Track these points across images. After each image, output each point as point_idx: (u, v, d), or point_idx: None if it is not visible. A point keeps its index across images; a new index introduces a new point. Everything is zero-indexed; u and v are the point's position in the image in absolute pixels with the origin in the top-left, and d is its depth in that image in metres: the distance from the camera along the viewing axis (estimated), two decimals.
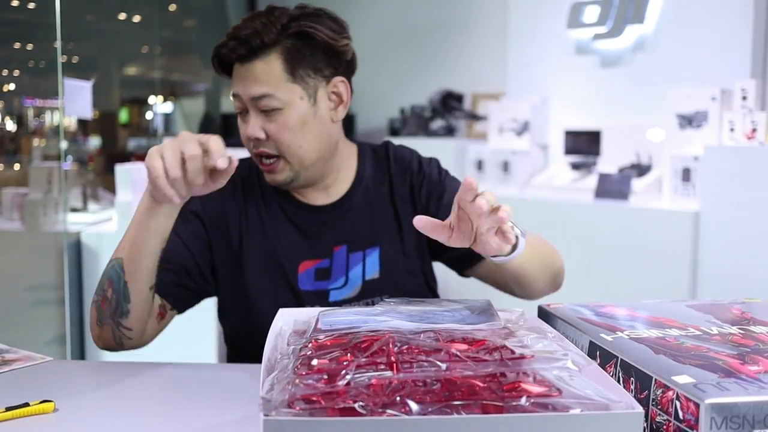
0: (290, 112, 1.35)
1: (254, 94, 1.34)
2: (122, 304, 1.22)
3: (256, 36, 1.33)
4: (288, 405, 0.69)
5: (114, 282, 1.22)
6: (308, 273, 1.42)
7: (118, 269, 1.21)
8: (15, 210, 3.37)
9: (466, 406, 0.69)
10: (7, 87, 3.98)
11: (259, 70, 1.34)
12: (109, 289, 1.22)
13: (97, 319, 1.25)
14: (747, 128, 3.29)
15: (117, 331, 1.24)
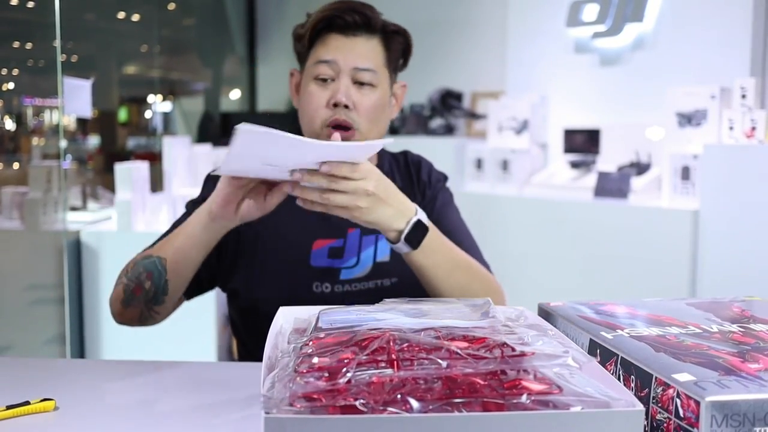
0: (380, 92, 1.47)
1: (360, 65, 1.44)
2: (159, 296, 1.32)
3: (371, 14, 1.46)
4: (289, 403, 0.69)
5: (154, 276, 1.30)
6: (322, 251, 1.48)
7: (160, 267, 1.30)
8: (14, 209, 3.37)
9: (467, 404, 0.69)
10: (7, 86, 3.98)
11: (367, 45, 1.46)
12: (147, 281, 1.30)
13: (123, 300, 1.33)
14: (746, 126, 3.30)
15: (146, 313, 1.34)
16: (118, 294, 1.34)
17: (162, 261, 1.30)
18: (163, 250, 1.32)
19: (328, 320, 0.90)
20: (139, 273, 1.32)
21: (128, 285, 1.32)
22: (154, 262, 1.31)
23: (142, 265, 1.32)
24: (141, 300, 1.32)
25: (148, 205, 3.50)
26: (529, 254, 4.04)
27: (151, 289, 1.31)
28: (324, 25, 1.46)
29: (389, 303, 0.97)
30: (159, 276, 1.30)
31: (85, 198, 4.02)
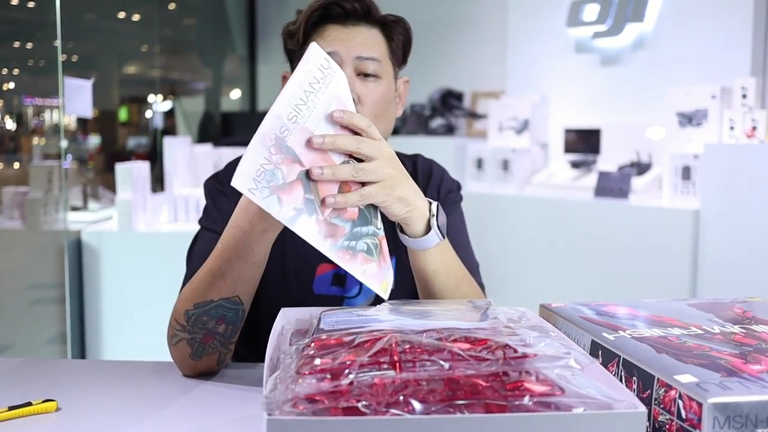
0: (385, 84, 1.38)
1: (364, 54, 1.35)
2: (238, 327, 1.18)
3: (370, 2, 1.37)
4: (291, 404, 0.69)
5: (228, 318, 1.15)
6: (326, 277, 1.40)
7: (235, 305, 1.15)
8: (15, 209, 3.37)
9: (469, 406, 0.69)
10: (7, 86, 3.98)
11: (368, 35, 1.37)
12: (221, 325, 1.15)
13: (192, 354, 1.17)
14: (747, 126, 3.29)
15: (224, 352, 1.19)
16: (183, 351, 1.18)
17: (236, 300, 1.15)
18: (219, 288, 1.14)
19: (329, 321, 0.90)
20: (204, 322, 1.15)
21: (194, 338, 1.16)
22: (221, 305, 1.14)
23: (206, 314, 1.15)
24: (216, 345, 1.17)
25: (148, 205, 3.50)
26: (529, 254, 4.04)
27: (227, 330, 1.16)
28: (320, 17, 1.36)
29: (391, 304, 0.97)
30: (236, 313, 1.15)
31: (85, 198, 4.02)
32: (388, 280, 1.04)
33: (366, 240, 1.00)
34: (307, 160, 0.94)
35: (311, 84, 0.95)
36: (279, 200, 0.92)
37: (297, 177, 0.94)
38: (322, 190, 0.97)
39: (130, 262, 3.32)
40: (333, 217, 0.98)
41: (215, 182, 1.43)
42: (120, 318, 3.33)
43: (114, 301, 3.32)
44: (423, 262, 1.17)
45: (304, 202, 0.94)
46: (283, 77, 1.47)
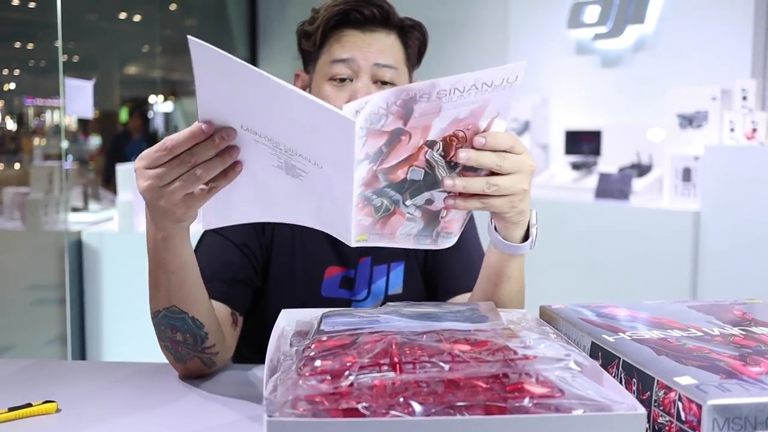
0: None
1: (381, 62, 1.33)
2: (198, 333, 1.13)
3: (389, 8, 1.35)
4: (291, 406, 0.69)
5: (179, 327, 1.11)
6: (334, 280, 1.39)
7: (177, 314, 1.10)
8: (16, 209, 3.37)
9: (469, 407, 0.69)
10: (8, 86, 3.98)
11: (386, 41, 1.35)
12: (176, 334, 1.12)
13: (175, 359, 1.15)
14: (747, 128, 3.30)
15: (204, 357, 1.16)
16: (168, 357, 1.17)
17: (174, 309, 1.10)
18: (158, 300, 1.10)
19: (330, 323, 0.90)
20: (162, 332, 1.13)
21: (166, 346, 1.15)
22: (165, 316, 1.11)
23: (158, 326, 1.13)
24: (188, 350, 1.14)
25: None
26: (529, 255, 4.01)
27: (187, 337, 1.12)
28: (338, 21, 1.34)
29: (391, 306, 0.97)
30: (183, 321, 1.11)
31: (86, 198, 4.02)
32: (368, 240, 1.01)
33: (384, 200, 0.97)
34: (412, 124, 0.91)
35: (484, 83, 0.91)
36: (364, 141, 0.88)
37: (390, 130, 0.90)
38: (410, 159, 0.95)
39: (131, 263, 3.32)
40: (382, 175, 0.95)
41: None
42: (120, 319, 3.33)
43: (114, 302, 3.32)
44: (505, 266, 1.15)
45: (375, 151, 0.91)
46: (296, 75, 1.46)
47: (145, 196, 0.94)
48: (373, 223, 0.99)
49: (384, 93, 0.87)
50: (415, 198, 0.98)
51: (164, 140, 0.89)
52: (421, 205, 0.99)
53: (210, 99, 0.87)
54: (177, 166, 0.89)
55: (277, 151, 0.91)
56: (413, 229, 1.01)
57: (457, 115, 0.92)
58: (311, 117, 0.85)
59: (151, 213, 0.99)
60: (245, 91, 0.85)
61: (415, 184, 0.97)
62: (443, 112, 0.91)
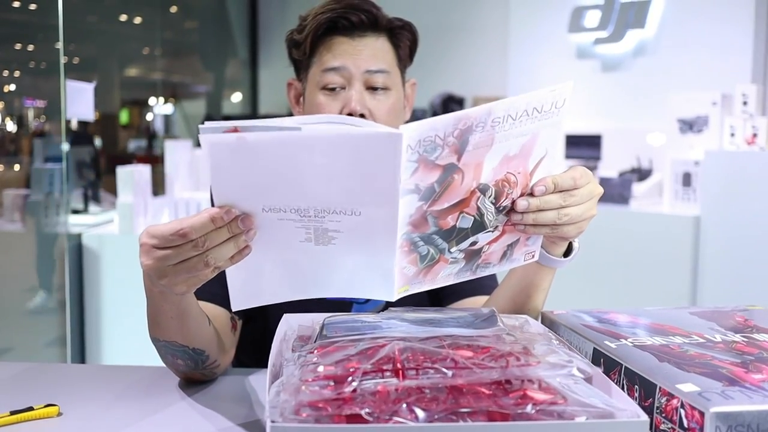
0: (395, 95, 1.36)
1: (372, 68, 1.32)
2: (199, 358, 1.12)
3: (376, 11, 1.34)
4: (294, 411, 0.69)
5: (179, 355, 1.10)
6: None
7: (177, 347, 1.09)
8: (16, 211, 3.37)
9: (472, 414, 0.69)
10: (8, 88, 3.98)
11: (376, 45, 1.34)
12: (178, 361, 1.11)
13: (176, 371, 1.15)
14: (747, 133, 3.30)
15: (206, 372, 1.15)
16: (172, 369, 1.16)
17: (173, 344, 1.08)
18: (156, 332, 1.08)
19: (333, 328, 0.90)
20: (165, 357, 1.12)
21: (170, 362, 1.13)
22: (166, 346, 1.09)
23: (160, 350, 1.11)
24: (188, 370, 1.13)
25: (149, 209, 3.50)
26: None
27: (188, 362, 1.11)
28: (326, 29, 1.33)
29: (394, 311, 0.97)
30: (183, 352, 1.09)
31: (86, 200, 4.02)
32: (409, 289, 0.99)
33: (431, 248, 0.95)
34: (465, 160, 0.88)
35: (535, 108, 0.90)
36: (415, 171, 0.85)
37: (444, 164, 0.87)
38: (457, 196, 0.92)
39: (131, 265, 3.29)
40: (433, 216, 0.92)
41: None
42: (120, 322, 3.33)
43: (114, 305, 3.32)
44: (541, 279, 1.16)
45: (428, 188, 0.88)
46: (289, 84, 1.45)
47: (147, 272, 0.91)
48: (417, 272, 0.97)
49: (443, 118, 0.84)
50: (461, 244, 0.97)
51: (180, 223, 0.85)
52: (465, 248, 0.98)
53: (227, 187, 0.85)
54: (189, 249, 0.86)
55: (305, 221, 0.88)
56: (454, 269, 1.00)
57: (507, 151, 0.91)
58: (347, 147, 0.82)
59: (149, 281, 0.96)
60: (265, 165, 0.82)
61: (463, 232, 0.96)
62: (495, 145, 0.89)
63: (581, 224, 1.01)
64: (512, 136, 0.90)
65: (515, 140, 0.90)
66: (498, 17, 5.09)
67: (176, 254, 0.86)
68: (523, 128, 0.90)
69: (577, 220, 0.99)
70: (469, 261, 1.00)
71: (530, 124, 0.90)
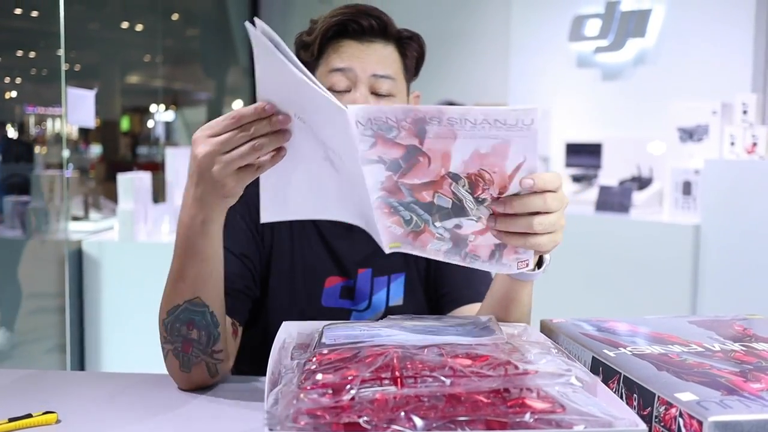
0: (399, 102, 1.36)
1: (379, 72, 1.33)
2: (212, 332, 1.14)
3: (387, 19, 1.35)
4: (293, 419, 0.69)
5: (196, 321, 1.12)
6: (334, 289, 1.39)
7: (198, 307, 1.12)
8: (16, 218, 3.37)
9: (470, 422, 0.69)
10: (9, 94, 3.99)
11: (383, 52, 1.35)
12: (192, 331, 1.12)
13: (180, 366, 1.14)
14: (747, 142, 3.30)
15: (211, 362, 1.16)
16: (173, 363, 1.15)
17: (198, 301, 1.12)
18: (183, 292, 1.12)
19: (331, 336, 0.90)
20: (175, 331, 1.13)
21: (173, 349, 1.14)
22: (186, 309, 1.12)
23: (173, 322, 1.13)
24: (198, 353, 1.14)
25: (150, 216, 3.50)
26: None
27: (202, 335, 1.13)
28: (336, 32, 1.33)
29: (392, 319, 0.97)
30: (203, 315, 1.12)
31: (87, 207, 4.02)
32: (401, 247, 1.03)
33: (413, 215, 0.99)
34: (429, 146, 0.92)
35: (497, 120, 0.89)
36: (374, 144, 0.91)
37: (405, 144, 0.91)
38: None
39: (131, 272, 3.31)
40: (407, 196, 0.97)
41: None
42: (120, 329, 3.33)
43: (114, 312, 3.32)
44: (516, 292, 1.15)
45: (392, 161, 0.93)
46: None
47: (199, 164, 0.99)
48: (405, 234, 1.01)
49: (393, 107, 0.89)
50: (444, 222, 0.99)
51: (231, 112, 0.97)
52: (450, 228, 1.00)
53: (268, 85, 0.95)
54: (239, 136, 0.96)
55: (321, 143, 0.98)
56: (442, 246, 1.02)
57: (477, 147, 0.91)
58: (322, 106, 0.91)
59: (198, 189, 1.02)
60: (294, 83, 0.91)
61: (443, 210, 0.98)
62: (460, 140, 0.90)
63: (554, 236, 1.00)
64: (478, 136, 0.90)
65: (483, 140, 0.91)
66: (499, 25, 5.10)
67: (228, 140, 0.96)
68: (488, 132, 0.90)
69: (551, 230, 0.99)
70: (456, 245, 1.01)
71: (496, 131, 0.90)
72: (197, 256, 1.08)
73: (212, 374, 1.17)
